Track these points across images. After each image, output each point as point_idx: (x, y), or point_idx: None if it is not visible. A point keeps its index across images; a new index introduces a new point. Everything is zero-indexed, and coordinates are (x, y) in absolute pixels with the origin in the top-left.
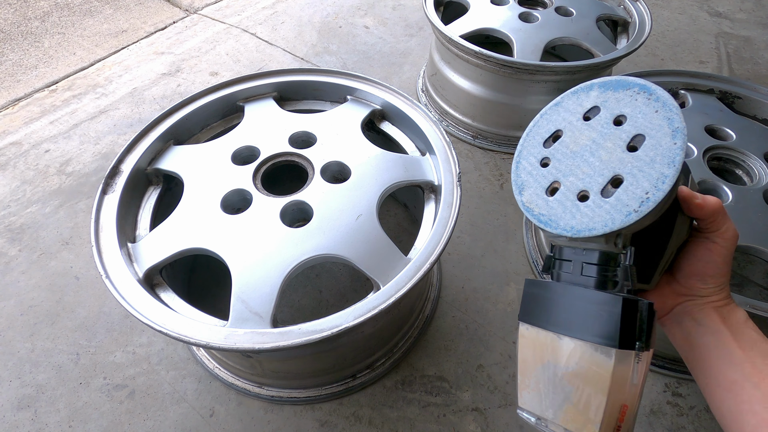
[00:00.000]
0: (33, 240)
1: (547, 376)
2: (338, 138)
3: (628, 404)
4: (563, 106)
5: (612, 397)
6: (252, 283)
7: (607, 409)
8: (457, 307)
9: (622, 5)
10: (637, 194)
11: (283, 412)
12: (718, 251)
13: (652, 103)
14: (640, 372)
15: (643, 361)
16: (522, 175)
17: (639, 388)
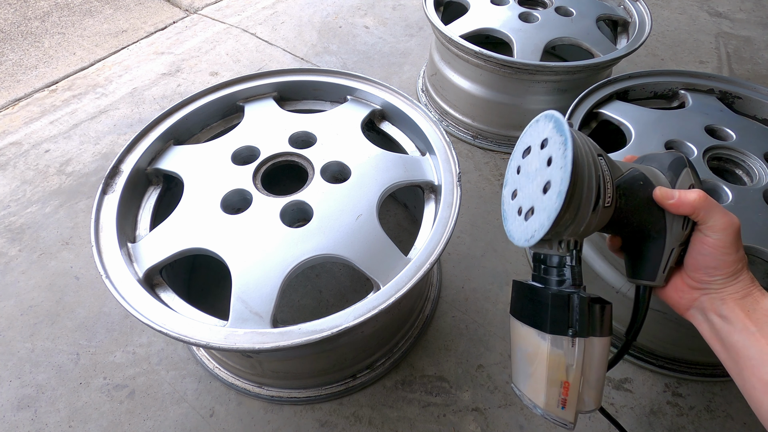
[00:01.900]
0: (33, 240)
1: (519, 356)
2: (338, 138)
3: (570, 381)
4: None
5: (551, 374)
6: (252, 283)
7: (548, 384)
8: (457, 307)
9: (622, 5)
10: (532, 228)
11: (283, 412)
12: (712, 243)
13: (560, 159)
14: (575, 354)
15: (580, 346)
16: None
17: (578, 368)
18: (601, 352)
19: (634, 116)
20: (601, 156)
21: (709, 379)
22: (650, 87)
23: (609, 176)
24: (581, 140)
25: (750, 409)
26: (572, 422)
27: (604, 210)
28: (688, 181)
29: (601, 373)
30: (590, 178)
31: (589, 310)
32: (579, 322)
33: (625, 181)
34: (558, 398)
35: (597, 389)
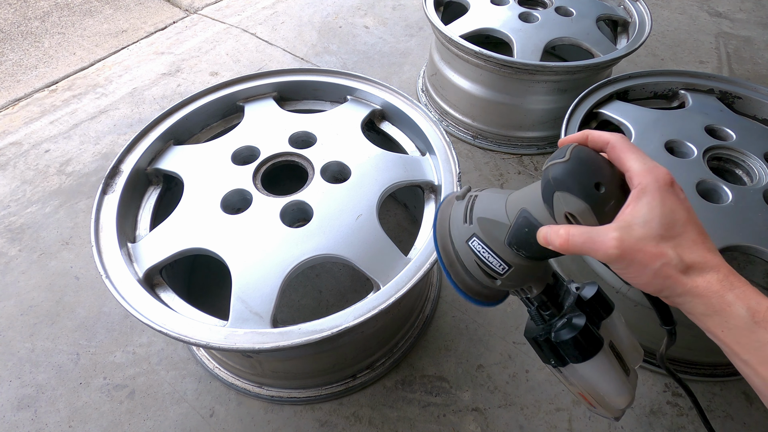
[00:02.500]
0: (33, 240)
1: None
2: (338, 138)
3: (584, 394)
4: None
5: (569, 389)
6: (252, 283)
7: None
8: (457, 307)
9: (622, 5)
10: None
11: (283, 412)
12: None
13: None
14: (567, 377)
15: (565, 372)
16: None
17: (577, 384)
18: (600, 366)
19: (634, 116)
20: (474, 236)
21: (709, 379)
22: (650, 87)
23: (489, 250)
24: (451, 227)
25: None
26: (613, 416)
27: (513, 272)
28: (563, 209)
29: (611, 380)
30: (462, 261)
31: (553, 344)
32: (553, 355)
33: (513, 236)
34: (587, 403)
35: (618, 393)
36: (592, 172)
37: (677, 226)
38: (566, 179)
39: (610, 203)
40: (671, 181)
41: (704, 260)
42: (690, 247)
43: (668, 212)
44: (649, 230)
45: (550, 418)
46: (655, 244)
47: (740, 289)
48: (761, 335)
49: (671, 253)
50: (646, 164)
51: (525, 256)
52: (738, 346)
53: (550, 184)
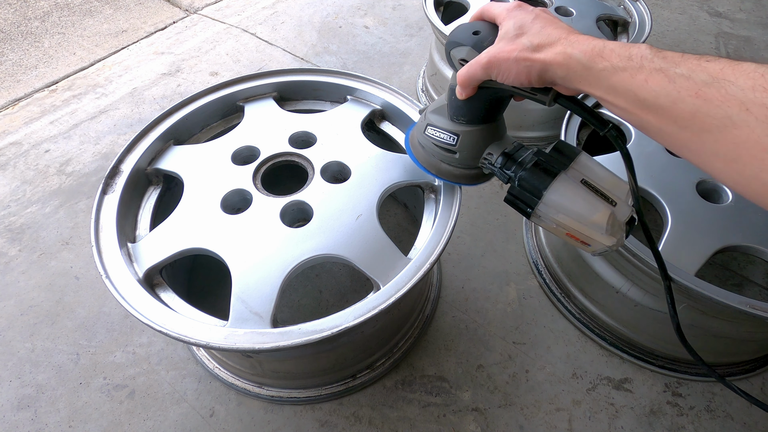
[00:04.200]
0: (33, 240)
1: None
2: (338, 138)
3: (568, 232)
4: None
5: (558, 236)
6: (252, 283)
7: (569, 242)
8: (457, 307)
9: (622, 5)
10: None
11: (283, 412)
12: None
13: None
14: (546, 217)
15: (542, 211)
16: None
17: (562, 222)
18: (563, 189)
19: None
20: (428, 125)
21: (709, 379)
22: None
23: (438, 129)
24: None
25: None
26: (608, 245)
27: (463, 140)
28: (457, 60)
29: (580, 200)
30: (428, 149)
31: (519, 189)
32: (523, 202)
33: (449, 108)
34: (580, 243)
35: (592, 210)
36: (470, 27)
37: (526, 24)
38: (454, 37)
39: (487, 40)
40: (517, 4)
41: (549, 36)
42: (538, 33)
43: (518, 21)
44: (506, 38)
45: (550, 418)
46: (511, 42)
47: (577, 42)
48: (593, 70)
49: (524, 41)
50: (501, 5)
51: (465, 121)
52: (591, 88)
53: (447, 48)
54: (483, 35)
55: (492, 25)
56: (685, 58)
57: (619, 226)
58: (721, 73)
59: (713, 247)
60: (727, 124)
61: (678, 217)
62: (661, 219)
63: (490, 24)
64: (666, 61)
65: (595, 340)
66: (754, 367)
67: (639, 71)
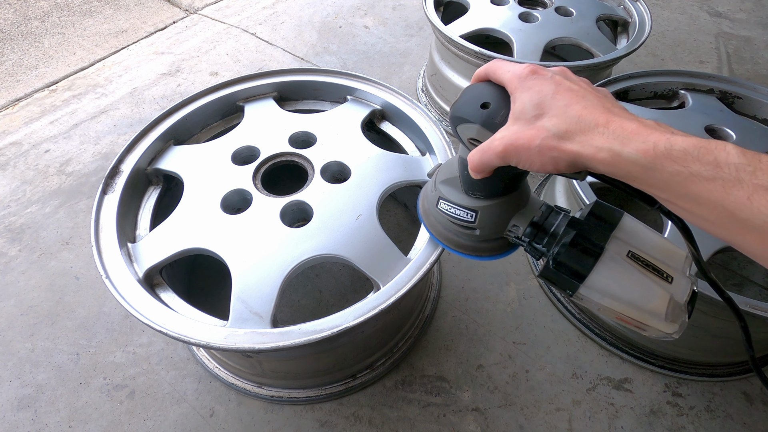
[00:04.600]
0: (33, 240)
1: None
2: (338, 138)
3: (621, 316)
4: None
5: (609, 317)
6: (252, 283)
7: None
8: (457, 307)
9: (622, 5)
10: None
11: (283, 412)
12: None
13: None
14: (593, 300)
15: (585, 295)
16: None
17: (605, 304)
18: (610, 272)
19: None
20: (440, 199)
21: (709, 379)
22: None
23: (452, 204)
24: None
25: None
26: (668, 332)
27: (483, 216)
28: (466, 138)
29: (632, 283)
30: (444, 225)
31: (555, 270)
32: (562, 284)
33: (464, 182)
34: (635, 327)
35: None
36: (476, 98)
37: (546, 102)
38: (458, 111)
39: (500, 115)
40: (531, 69)
41: (580, 120)
42: (563, 113)
43: (535, 95)
44: (522, 118)
45: (550, 418)
46: (530, 125)
47: (625, 136)
48: (660, 173)
49: (547, 125)
50: (510, 69)
51: (483, 196)
52: (653, 189)
53: (452, 124)
54: (493, 109)
55: (502, 91)
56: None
57: (680, 308)
58: None
59: (713, 247)
60: None
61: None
62: (660, 219)
63: (500, 90)
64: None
65: (595, 340)
66: None
67: (736, 186)
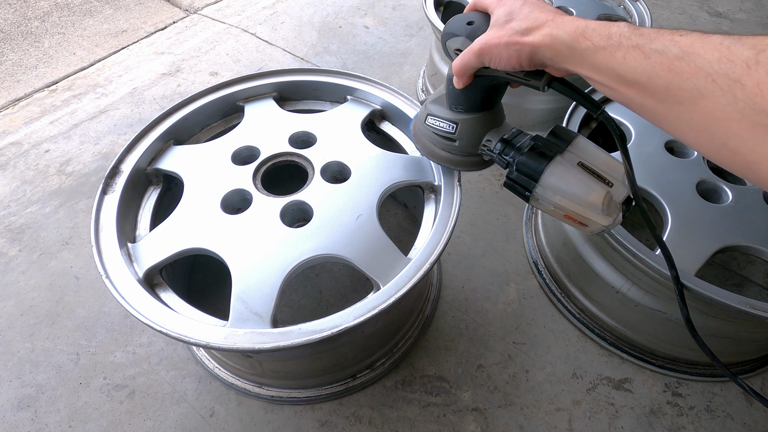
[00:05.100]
0: (33, 240)
1: None
2: (338, 138)
3: (566, 213)
4: None
5: (559, 219)
6: (252, 283)
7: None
8: (457, 307)
9: (622, 5)
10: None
11: (283, 412)
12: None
13: None
14: (545, 199)
15: (540, 195)
16: None
17: (559, 204)
18: (559, 172)
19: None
20: (428, 115)
21: (709, 379)
22: None
23: (437, 118)
24: (417, 121)
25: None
26: (605, 224)
27: (462, 128)
28: (452, 50)
29: (576, 181)
30: (429, 138)
31: (517, 173)
32: (521, 186)
33: (448, 97)
34: (578, 224)
35: (588, 191)
36: (464, 18)
37: (515, 11)
38: (449, 28)
39: (481, 30)
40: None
41: (537, 19)
42: (526, 17)
43: (507, 8)
44: (496, 25)
45: (550, 418)
46: (501, 28)
47: (563, 23)
48: (577, 50)
49: (513, 26)
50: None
51: (463, 110)
52: (577, 68)
53: (443, 39)
54: (476, 25)
55: (485, 14)
56: (660, 34)
57: (615, 205)
58: (691, 47)
59: (713, 247)
60: (696, 96)
61: (678, 217)
62: (661, 219)
63: (484, 14)
64: (642, 37)
65: (595, 340)
66: (754, 367)
67: (618, 49)
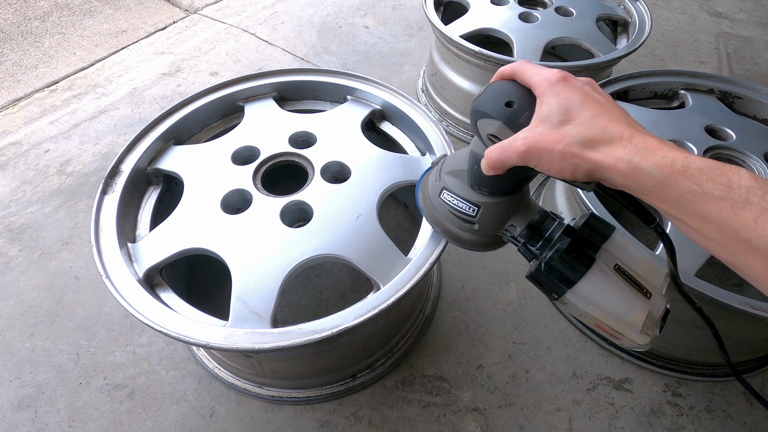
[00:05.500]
0: (33, 240)
1: None
2: (338, 138)
3: (596, 321)
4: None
5: (587, 324)
6: (252, 283)
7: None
8: (457, 307)
9: (622, 5)
10: None
11: (283, 412)
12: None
13: None
14: (574, 305)
15: (570, 299)
16: None
17: (588, 311)
18: (598, 281)
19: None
20: (444, 189)
21: (709, 379)
22: (650, 87)
23: (456, 196)
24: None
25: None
26: (640, 343)
27: (484, 212)
28: (485, 133)
29: (616, 295)
30: (443, 215)
31: (546, 273)
32: (550, 287)
33: (471, 177)
34: (609, 335)
35: (628, 309)
36: (501, 95)
37: (574, 109)
38: (481, 106)
39: (523, 116)
40: (562, 76)
41: (605, 131)
42: (590, 122)
43: (563, 101)
44: (548, 121)
45: (550, 418)
46: (555, 130)
47: (647, 150)
48: (673, 189)
49: (572, 132)
50: (540, 73)
51: (488, 193)
52: (664, 205)
53: (473, 117)
54: (518, 109)
55: (527, 92)
56: None
57: (654, 323)
58: None
59: None
60: None
61: None
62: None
63: (525, 91)
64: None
65: (595, 340)
66: (754, 367)
67: (745, 207)
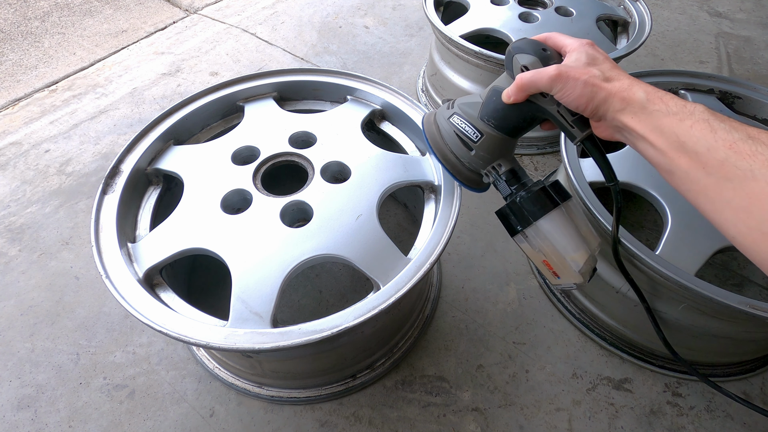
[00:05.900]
0: (33, 240)
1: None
2: (338, 138)
3: (546, 258)
4: None
5: (535, 262)
6: (252, 283)
7: (541, 269)
8: (457, 307)
9: (622, 5)
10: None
11: (283, 412)
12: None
13: None
14: (534, 240)
15: (532, 233)
16: None
17: (543, 247)
18: (558, 221)
19: None
20: (455, 113)
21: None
22: None
23: (465, 121)
24: (437, 116)
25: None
26: (575, 282)
27: (484, 141)
28: (519, 65)
29: (569, 236)
30: (445, 135)
31: (519, 206)
32: (518, 219)
33: (484, 107)
34: (551, 273)
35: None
36: (537, 43)
37: (598, 60)
38: (522, 45)
39: (552, 61)
40: (589, 42)
41: (619, 75)
42: (610, 69)
43: (590, 55)
44: (577, 63)
45: (550, 418)
46: (583, 67)
47: (643, 85)
48: (649, 109)
49: (595, 71)
50: (573, 39)
51: (493, 125)
52: (640, 125)
53: (510, 53)
54: (550, 54)
55: (556, 52)
56: (732, 120)
57: (588, 269)
58: (758, 135)
59: (713, 247)
60: (748, 177)
61: (678, 217)
62: (661, 219)
63: (555, 50)
64: (715, 116)
65: (595, 340)
66: (754, 367)
67: (688, 117)
